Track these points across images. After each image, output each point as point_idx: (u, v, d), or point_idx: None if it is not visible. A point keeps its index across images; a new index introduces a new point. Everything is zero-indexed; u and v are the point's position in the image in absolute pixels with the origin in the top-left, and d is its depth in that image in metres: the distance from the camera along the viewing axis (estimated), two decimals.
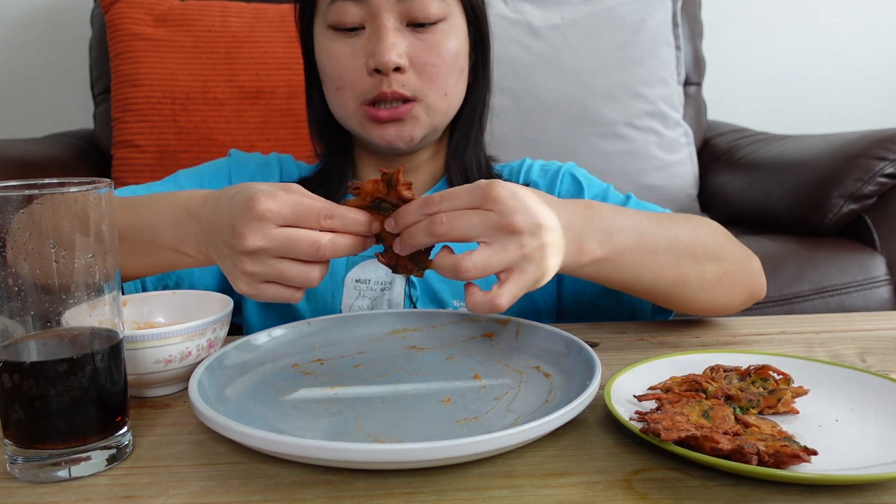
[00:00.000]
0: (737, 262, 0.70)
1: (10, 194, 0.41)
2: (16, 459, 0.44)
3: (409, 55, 0.73)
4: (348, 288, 0.79)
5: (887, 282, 1.23)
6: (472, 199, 0.52)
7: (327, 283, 0.79)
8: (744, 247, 0.73)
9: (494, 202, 0.52)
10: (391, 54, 0.71)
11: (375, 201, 0.55)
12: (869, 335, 0.70)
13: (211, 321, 0.57)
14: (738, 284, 0.70)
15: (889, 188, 1.26)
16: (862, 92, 2.03)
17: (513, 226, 0.51)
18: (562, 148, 1.54)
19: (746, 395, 0.51)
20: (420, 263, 0.57)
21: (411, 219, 0.53)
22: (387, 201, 0.55)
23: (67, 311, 0.43)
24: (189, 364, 0.56)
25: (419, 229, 0.53)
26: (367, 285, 0.79)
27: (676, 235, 0.64)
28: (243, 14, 1.53)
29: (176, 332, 0.55)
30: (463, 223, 0.52)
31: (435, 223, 0.52)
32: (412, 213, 0.53)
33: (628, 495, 0.41)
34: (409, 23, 0.74)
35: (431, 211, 0.53)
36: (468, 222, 0.52)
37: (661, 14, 1.62)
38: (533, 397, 0.53)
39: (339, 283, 0.79)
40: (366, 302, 0.78)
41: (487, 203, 0.52)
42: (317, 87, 0.83)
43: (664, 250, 0.63)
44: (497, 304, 0.52)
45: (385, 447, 0.40)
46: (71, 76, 1.82)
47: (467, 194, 0.53)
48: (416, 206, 0.53)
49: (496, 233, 0.52)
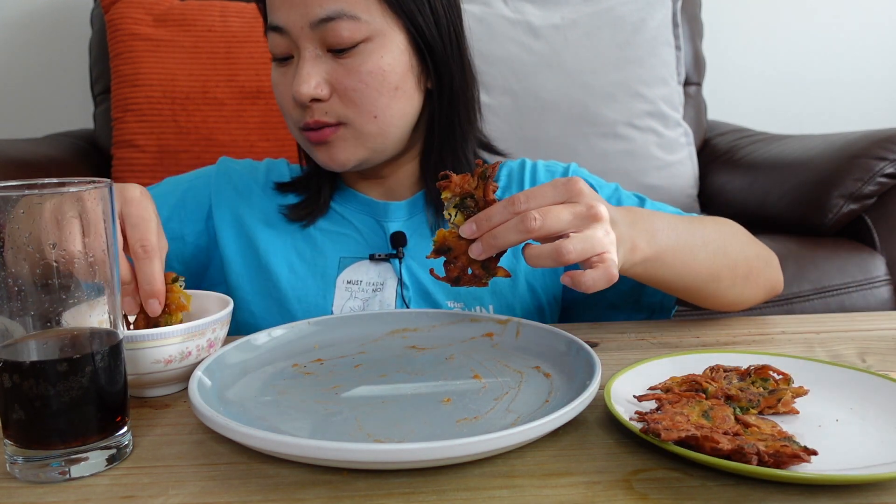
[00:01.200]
0: (760, 258, 0.75)
1: (10, 194, 0.41)
2: (16, 459, 0.44)
3: (331, 81, 0.72)
4: (340, 289, 0.79)
5: (887, 282, 1.23)
6: (558, 195, 0.56)
7: (319, 284, 0.79)
8: (764, 245, 0.78)
9: (580, 195, 0.56)
10: (306, 86, 0.71)
11: (462, 197, 0.56)
12: (869, 335, 0.70)
13: (211, 321, 0.57)
14: (761, 279, 0.75)
15: (889, 188, 1.26)
16: (862, 92, 2.03)
17: (599, 214, 0.55)
18: (562, 148, 1.54)
19: (746, 395, 0.51)
20: (490, 270, 0.58)
21: (498, 219, 0.55)
22: (473, 198, 0.56)
23: (67, 311, 0.43)
24: (189, 364, 0.56)
25: (509, 228, 0.54)
26: (359, 286, 0.79)
27: (708, 234, 0.69)
28: (243, 14, 1.53)
29: (176, 332, 0.55)
30: (554, 217, 0.54)
31: (528, 219, 0.53)
32: (499, 214, 0.55)
33: (628, 495, 0.41)
34: (328, 49, 0.72)
35: (519, 209, 0.54)
36: (558, 216, 0.54)
37: (661, 14, 1.62)
38: (533, 397, 0.53)
39: (331, 285, 0.79)
40: (357, 303, 0.78)
41: (573, 196, 0.55)
42: None
43: (700, 248, 0.67)
44: (612, 272, 0.54)
45: (385, 447, 0.40)
46: (71, 76, 1.82)
47: (552, 190, 0.56)
48: (502, 206, 0.55)
49: (584, 222, 0.55)
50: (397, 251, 0.79)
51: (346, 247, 0.81)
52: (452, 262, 0.58)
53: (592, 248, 0.54)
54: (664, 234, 0.64)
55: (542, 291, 0.82)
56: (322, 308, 0.78)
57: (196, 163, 1.44)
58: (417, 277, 0.79)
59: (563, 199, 0.55)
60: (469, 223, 0.56)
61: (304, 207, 0.83)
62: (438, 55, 0.76)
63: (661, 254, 0.63)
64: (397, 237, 0.79)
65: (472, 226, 0.56)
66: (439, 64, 0.76)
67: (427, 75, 0.77)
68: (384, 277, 0.79)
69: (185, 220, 0.83)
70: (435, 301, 0.79)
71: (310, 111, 0.73)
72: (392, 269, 0.79)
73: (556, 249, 0.53)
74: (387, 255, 0.79)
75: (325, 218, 0.83)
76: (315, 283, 0.79)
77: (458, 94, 0.79)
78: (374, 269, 0.79)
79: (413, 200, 0.83)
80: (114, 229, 0.45)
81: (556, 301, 0.83)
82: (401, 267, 0.79)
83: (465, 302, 0.79)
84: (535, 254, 0.55)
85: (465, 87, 0.79)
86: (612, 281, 0.54)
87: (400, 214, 0.82)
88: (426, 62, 0.76)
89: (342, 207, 0.83)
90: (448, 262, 0.58)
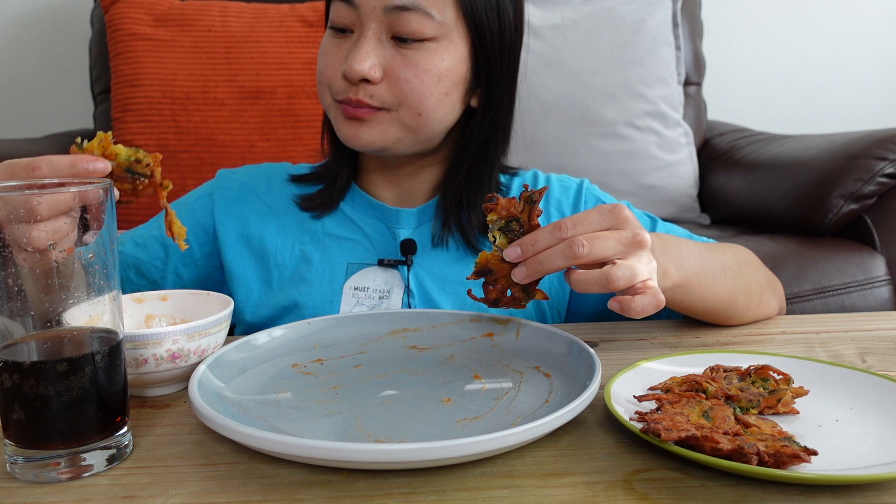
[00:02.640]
0: (770, 284, 0.79)
1: (10, 194, 0.41)
2: (16, 459, 0.44)
3: (386, 67, 0.72)
4: (346, 295, 0.78)
5: (887, 282, 1.23)
6: (604, 221, 0.56)
7: (326, 290, 0.79)
8: (769, 270, 0.82)
9: (626, 222, 0.57)
10: (360, 65, 0.71)
11: (507, 220, 0.57)
12: (869, 335, 0.70)
13: (211, 321, 0.57)
14: (772, 303, 0.78)
15: (889, 188, 1.26)
16: (862, 92, 2.03)
17: (644, 242, 0.56)
18: (562, 148, 1.54)
19: (746, 395, 0.51)
20: (529, 293, 0.59)
21: (544, 244, 0.55)
22: (518, 221, 0.57)
23: (67, 311, 0.43)
24: (189, 364, 0.56)
25: (556, 253, 0.55)
26: (366, 293, 0.78)
27: (728, 261, 0.72)
28: (243, 14, 1.53)
29: (176, 332, 0.55)
30: (601, 244, 0.55)
31: (576, 246, 0.54)
32: (545, 239, 0.56)
33: (628, 495, 0.41)
34: (393, 35, 0.72)
35: (566, 235, 0.55)
36: (605, 243, 0.55)
37: (661, 14, 1.62)
38: (533, 397, 0.53)
39: (338, 291, 0.79)
40: (363, 310, 0.78)
41: (619, 223, 0.57)
42: None
43: (721, 274, 0.69)
44: (660, 297, 0.55)
45: (385, 447, 0.40)
46: (71, 76, 1.82)
47: (599, 217, 0.57)
48: (549, 231, 0.56)
49: (630, 249, 0.56)
50: (406, 258, 0.79)
51: (354, 252, 0.81)
52: (492, 283, 0.59)
53: (638, 275, 0.55)
54: (690, 261, 0.66)
55: (548, 305, 0.82)
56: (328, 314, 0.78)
57: (196, 163, 1.44)
58: (424, 286, 0.79)
59: (609, 225, 0.56)
60: (514, 247, 0.56)
61: (319, 197, 0.83)
62: (494, 76, 0.77)
63: (689, 280, 0.65)
64: (407, 244, 0.79)
65: (516, 249, 0.56)
66: (492, 84, 0.77)
67: (474, 92, 0.78)
68: (391, 285, 0.79)
69: (192, 243, 0.83)
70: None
71: (354, 89, 0.73)
72: (399, 276, 0.79)
73: (605, 277, 0.54)
74: (396, 262, 0.79)
75: (334, 220, 0.82)
76: (322, 289, 0.79)
77: (501, 118, 0.80)
78: (381, 276, 0.79)
79: (424, 208, 0.82)
80: (113, 229, 0.45)
81: (560, 316, 0.84)
82: (409, 274, 0.79)
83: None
84: (583, 280, 0.55)
85: (507, 114, 0.81)
86: (660, 306, 0.55)
87: (410, 221, 0.82)
88: (479, 79, 0.77)
89: (353, 211, 0.83)
90: (487, 284, 0.59)
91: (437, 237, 0.80)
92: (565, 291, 0.83)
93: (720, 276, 0.69)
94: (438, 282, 0.79)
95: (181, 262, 0.83)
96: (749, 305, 0.74)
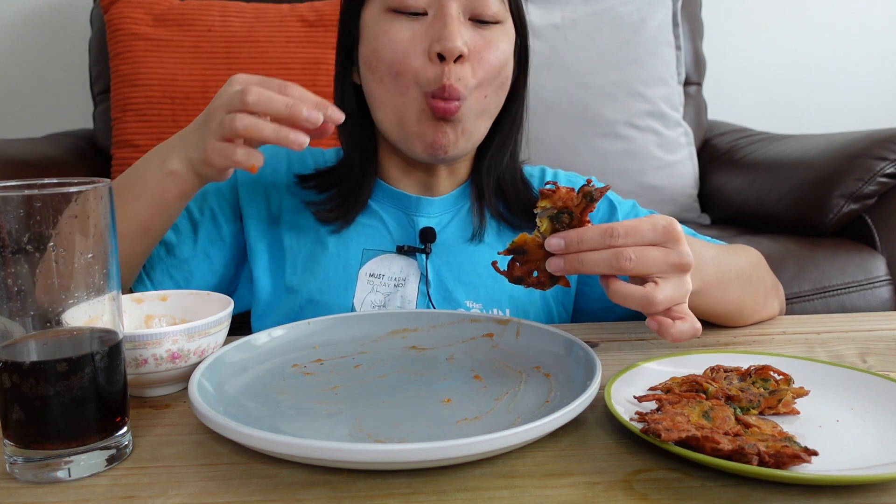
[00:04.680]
0: (775, 287, 0.79)
1: (10, 194, 0.41)
2: (16, 459, 0.44)
3: (470, 46, 0.73)
4: (362, 282, 0.78)
5: (888, 282, 1.23)
6: (656, 237, 0.55)
7: (341, 275, 0.78)
8: (772, 273, 0.81)
9: (676, 241, 0.55)
10: (456, 41, 0.70)
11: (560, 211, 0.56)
12: (869, 335, 0.70)
13: (211, 321, 0.57)
14: (776, 303, 0.79)
15: (889, 188, 1.26)
16: (862, 92, 2.03)
17: (689, 265, 0.55)
18: (562, 148, 1.54)
19: (747, 395, 0.51)
20: (556, 279, 0.58)
21: (590, 245, 0.54)
22: (570, 214, 0.56)
23: (67, 311, 0.43)
24: (189, 364, 0.56)
25: (601, 259, 0.54)
26: (381, 280, 0.78)
27: (741, 266, 0.71)
28: (243, 14, 1.52)
29: (176, 332, 0.55)
30: (648, 260, 0.54)
31: (623, 259, 0.53)
32: (593, 240, 0.54)
33: (628, 496, 0.41)
34: (471, 17, 0.74)
35: (616, 244, 0.54)
36: (652, 259, 0.54)
37: (662, 14, 1.62)
38: (533, 397, 0.53)
39: (353, 277, 0.78)
40: (378, 297, 0.77)
41: (669, 242, 0.55)
42: (349, 79, 0.81)
43: (734, 280, 0.69)
44: (697, 326, 0.55)
45: (385, 447, 0.40)
46: (71, 76, 1.82)
47: (651, 231, 0.55)
48: (598, 233, 0.54)
49: (674, 270, 0.55)
50: (425, 246, 0.78)
51: (370, 239, 0.80)
52: (522, 263, 0.58)
53: (680, 298, 0.55)
54: (708, 269, 0.65)
55: (554, 301, 0.82)
56: (343, 300, 0.77)
57: None
58: (440, 275, 0.78)
59: (660, 241, 0.55)
60: (557, 238, 0.55)
61: (335, 209, 0.80)
62: (524, 63, 0.80)
63: (705, 287, 0.64)
64: (426, 232, 0.79)
65: (560, 241, 0.55)
66: (524, 70, 0.80)
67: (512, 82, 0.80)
68: (406, 273, 0.78)
69: (219, 222, 0.82)
70: (455, 300, 0.78)
71: (447, 73, 0.71)
72: (415, 264, 0.79)
73: (647, 299, 0.54)
74: (414, 249, 0.78)
75: None
76: (336, 274, 0.78)
77: (521, 107, 0.82)
78: (396, 264, 0.78)
79: (445, 199, 0.82)
80: (113, 229, 0.45)
81: (567, 311, 0.84)
82: (427, 262, 0.78)
83: (484, 304, 0.79)
84: (623, 294, 0.55)
85: (525, 102, 0.83)
86: (697, 335, 0.55)
87: (432, 210, 0.81)
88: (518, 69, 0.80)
89: (372, 200, 0.82)
90: (515, 261, 0.58)
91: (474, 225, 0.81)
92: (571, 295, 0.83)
93: (733, 282, 0.69)
94: (455, 272, 0.79)
95: (209, 241, 0.81)
96: (755, 309, 0.74)
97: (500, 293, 0.79)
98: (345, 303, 0.77)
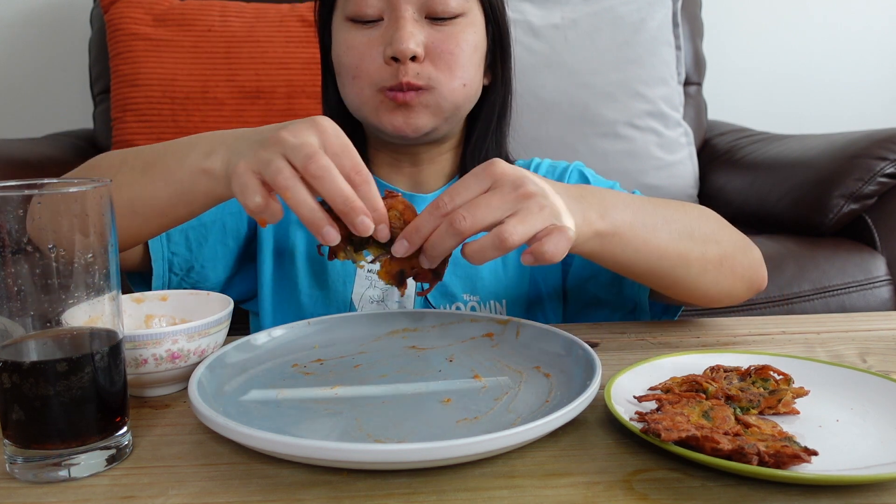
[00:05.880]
0: (736, 247, 0.70)
1: (10, 194, 0.41)
2: (16, 459, 0.44)
3: (427, 45, 0.74)
4: (360, 277, 0.79)
5: (888, 282, 1.23)
6: (482, 184, 0.53)
7: (339, 271, 0.79)
8: (743, 235, 0.73)
9: (502, 177, 0.53)
10: (408, 43, 0.72)
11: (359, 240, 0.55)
12: (869, 335, 0.70)
13: (211, 321, 0.57)
14: (739, 269, 0.70)
15: (889, 188, 1.26)
16: (862, 92, 2.03)
17: (528, 192, 0.52)
18: (562, 148, 1.54)
19: (747, 395, 0.51)
20: (440, 272, 0.57)
21: (428, 228, 0.53)
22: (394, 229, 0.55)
23: (67, 311, 0.43)
24: (189, 364, 0.56)
25: (442, 235, 0.52)
26: None
27: (672, 214, 0.65)
28: (243, 14, 1.52)
29: (176, 332, 0.55)
30: (482, 210, 0.51)
31: (456, 221, 0.51)
32: (426, 222, 0.53)
33: (628, 496, 0.41)
34: (427, 15, 0.75)
35: (445, 211, 0.52)
36: (486, 205, 0.52)
37: (662, 14, 1.62)
38: (533, 397, 0.53)
39: (352, 272, 0.79)
40: (376, 293, 0.78)
41: (496, 182, 0.53)
42: (332, 83, 0.83)
43: (662, 227, 0.63)
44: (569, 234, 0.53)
45: (385, 447, 0.40)
46: (71, 76, 1.82)
47: (475, 181, 0.53)
48: (427, 214, 0.53)
49: (515, 203, 0.52)
50: None
51: None
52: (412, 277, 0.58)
53: (534, 225, 0.52)
54: (618, 210, 0.60)
55: (543, 283, 0.83)
56: (342, 295, 0.78)
57: None
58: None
59: (488, 186, 0.53)
60: (400, 241, 0.54)
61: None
62: (504, 48, 0.81)
63: (618, 229, 0.60)
64: None
65: (403, 243, 0.54)
66: (504, 56, 0.81)
67: (488, 68, 0.81)
68: None
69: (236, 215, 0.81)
70: (452, 294, 0.80)
71: (403, 71, 0.73)
72: None
73: (497, 237, 0.51)
74: None
75: None
76: (336, 269, 0.80)
77: (507, 92, 0.84)
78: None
79: (436, 194, 0.83)
80: (113, 229, 0.45)
81: (557, 293, 0.83)
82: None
83: (481, 296, 0.80)
84: (477, 248, 0.52)
85: (510, 93, 0.84)
86: (571, 241, 0.53)
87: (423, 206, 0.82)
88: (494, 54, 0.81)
89: None
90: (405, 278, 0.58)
91: None
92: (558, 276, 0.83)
93: (661, 229, 0.63)
94: (451, 265, 0.79)
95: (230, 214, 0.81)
96: (705, 267, 0.66)
97: (492, 285, 0.80)
98: (343, 298, 0.78)
